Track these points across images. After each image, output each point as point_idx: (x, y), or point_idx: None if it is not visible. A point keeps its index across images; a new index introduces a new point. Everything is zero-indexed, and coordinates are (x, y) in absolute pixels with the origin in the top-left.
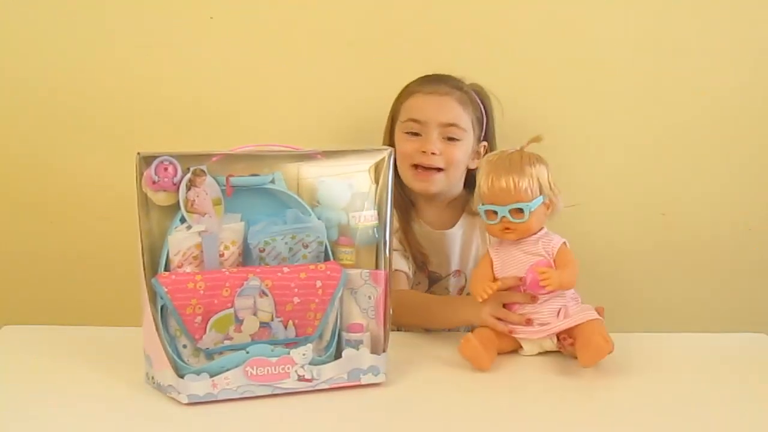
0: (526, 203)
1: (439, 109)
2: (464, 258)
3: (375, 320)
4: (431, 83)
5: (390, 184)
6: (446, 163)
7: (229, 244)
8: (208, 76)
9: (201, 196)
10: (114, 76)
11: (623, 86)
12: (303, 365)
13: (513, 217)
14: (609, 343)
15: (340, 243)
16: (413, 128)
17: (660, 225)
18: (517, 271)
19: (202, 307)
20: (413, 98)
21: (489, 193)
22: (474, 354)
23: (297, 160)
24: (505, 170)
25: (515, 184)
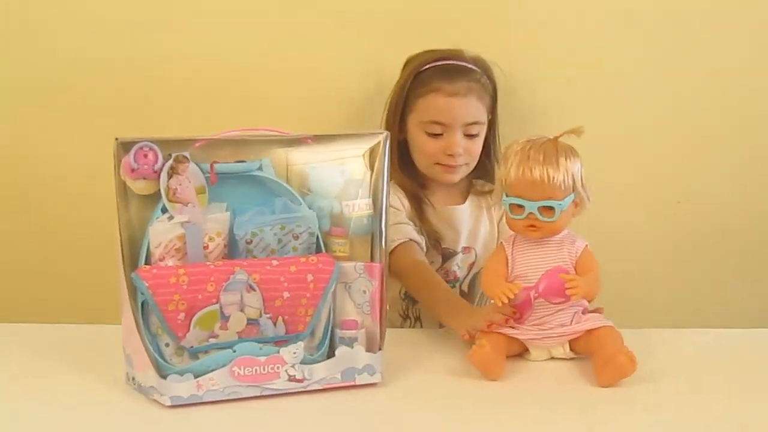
0: (558, 201)
1: (462, 112)
2: (473, 235)
3: (370, 316)
4: (451, 80)
5: (386, 171)
6: (469, 158)
7: (214, 236)
8: (191, 55)
9: (183, 185)
10: (90, 56)
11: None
12: (294, 364)
13: (542, 215)
14: (633, 362)
15: (333, 234)
16: (436, 130)
17: (675, 214)
18: (533, 274)
19: (186, 303)
20: (435, 98)
21: (518, 185)
22: (486, 362)
23: (286, 146)
24: (539, 161)
25: (549, 178)
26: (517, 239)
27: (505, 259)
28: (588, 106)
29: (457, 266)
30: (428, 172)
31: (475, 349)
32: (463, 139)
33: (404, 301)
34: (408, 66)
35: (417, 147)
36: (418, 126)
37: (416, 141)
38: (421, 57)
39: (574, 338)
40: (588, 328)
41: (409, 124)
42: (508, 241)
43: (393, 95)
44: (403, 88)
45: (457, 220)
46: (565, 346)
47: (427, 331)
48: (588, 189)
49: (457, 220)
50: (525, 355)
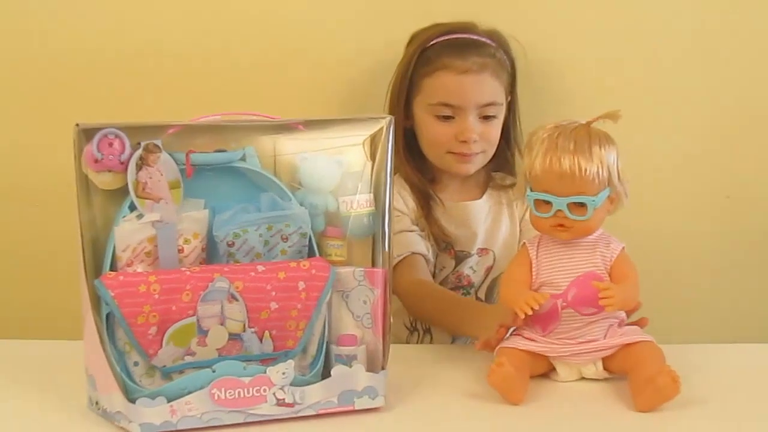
0: (591, 197)
1: (476, 91)
2: (491, 235)
3: (372, 330)
4: (461, 55)
5: (389, 161)
6: (486, 144)
7: (190, 237)
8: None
9: (155, 178)
10: (46, 31)
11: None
12: (283, 386)
13: (572, 213)
14: (676, 383)
15: (328, 234)
16: (446, 112)
17: (724, 210)
18: (561, 281)
19: (158, 316)
20: (443, 76)
21: (544, 178)
22: (507, 383)
23: (273, 132)
24: (568, 150)
25: (581, 170)
26: (543, 240)
27: (529, 263)
28: (623, 88)
29: (471, 270)
30: (439, 162)
31: (494, 368)
32: (478, 122)
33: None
34: (413, 42)
35: (425, 134)
36: (425, 109)
37: (424, 127)
38: (428, 31)
39: (608, 355)
40: (624, 342)
41: (416, 108)
42: (532, 242)
43: (397, 75)
44: (408, 67)
45: (472, 218)
46: (597, 365)
47: (437, 346)
48: (626, 183)
49: (472, 218)
50: (551, 374)
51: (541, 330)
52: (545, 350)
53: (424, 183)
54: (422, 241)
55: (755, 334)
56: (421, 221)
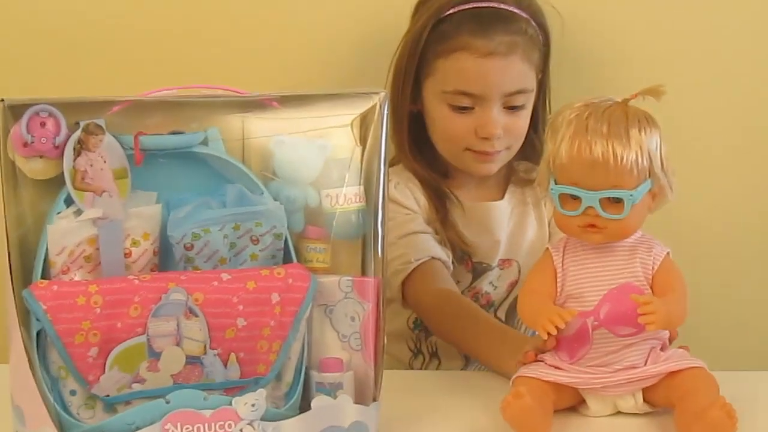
0: (628, 191)
1: (502, 78)
2: (515, 243)
3: (361, 353)
4: (485, 32)
5: (384, 146)
6: (511, 139)
7: (140, 238)
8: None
9: (96, 166)
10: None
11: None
12: (252, 421)
13: (605, 210)
14: (733, 419)
15: (309, 236)
16: (464, 103)
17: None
18: (592, 294)
19: (99, 334)
20: (462, 59)
21: (571, 167)
22: (525, 418)
23: (242, 110)
24: (601, 134)
25: (616, 158)
26: (570, 244)
27: (553, 272)
28: (674, 64)
29: (492, 285)
30: (454, 160)
31: (510, 400)
32: (503, 114)
33: (415, 331)
34: (423, 10)
35: (438, 126)
36: (439, 97)
37: (437, 117)
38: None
39: (650, 385)
40: (670, 370)
41: (426, 93)
42: (557, 247)
43: (403, 51)
44: (418, 43)
45: (492, 223)
46: (636, 396)
47: (441, 373)
48: (671, 173)
49: (492, 223)
50: (581, 408)
51: (568, 356)
52: (573, 381)
53: (436, 179)
54: (439, 245)
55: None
56: (435, 224)
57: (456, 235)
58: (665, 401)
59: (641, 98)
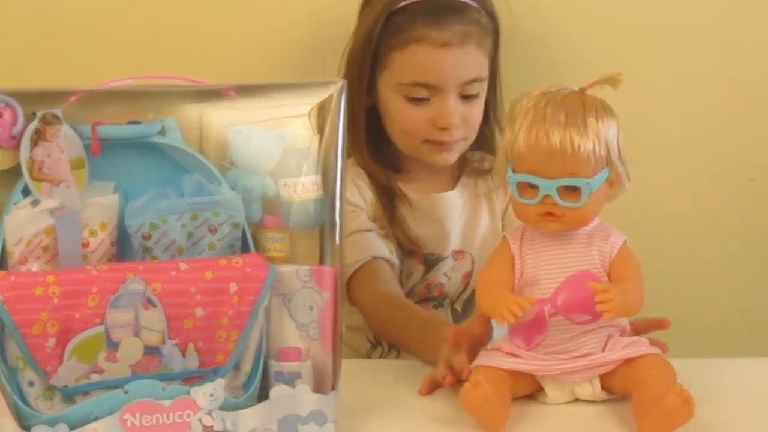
0: (586, 179)
1: (458, 67)
2: (468, 235)
3: (319, 342)
4: (440, 23)
5: (341, 135)
6: (468, 129)
7: (97, 228)
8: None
9: (53, 156)
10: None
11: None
12: (210, 411)
13: (562, 199)
14: (689, 405)
15: (266, 225)
16: (421, 94)
17: (748, 195)
18: (549, 282)
19: (57, 325)
20: (418, 51)
21: (529, 156)
22: (485, 407)
23: (199, 100)
24: (559, 122)
25: (574, 146)
26: (528, 233)
27: (510, 260)
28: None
29: (446, 276)
30: (412, 152)
31: (469, 389)
32: (459, 103)
33: None
34: (374, 3)
35: (395, 118)
36: (395, 89)
37: (393, 110)
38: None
39: (607, 372)
40: (627, 356)
41: (382, 86)
42: (514, 235)
43: (355, 44)
44: (371, 36)
45: (444, 214)
46: (594, 384)
47: (400, 362)
48: (627, 162)
49: (444, 214)
50: (538, 395)
51: (525, 343)
52: (531, 368)
53: (387, 174)
54: (383, 242)
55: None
56: (382, 221)
57: (403, 232)
58: (622, 389)
59: (598, 87)
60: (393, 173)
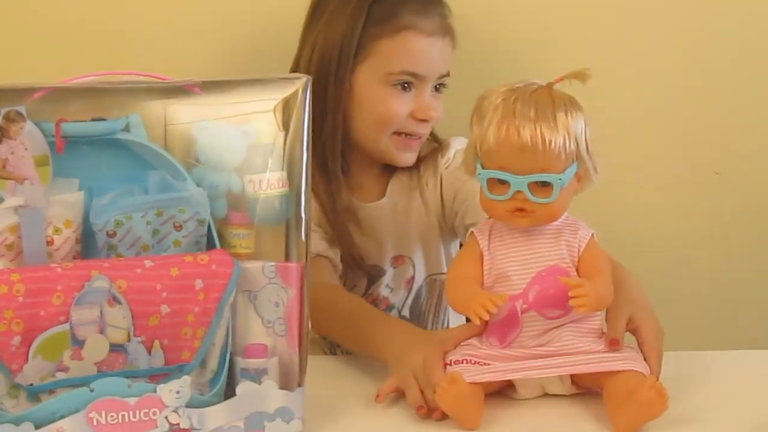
0: (556, 175)
1: (441, 58)
2: (403, 238)
3: (286, 338)
4: (426, 11)
5: (306, 131)
6: (433, 123)
7: (62, 226)
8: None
9: (17, 153)
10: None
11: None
12: (177, 408)
13: (534, 195)
14: (664, 397)
15: (232, 222)
16: (407, 81)
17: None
18: (518, 277)
19: (22, 323)
20: (409, 38)
21: (499, 152)
22: (461, 405)
23: (164, 96)
24: (529, 118)
25: (544, 141)
26: (496, 228)
27: (479, 256)
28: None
29: (388, 288)
30: (376, 146)
31: (444, 386)
32: (432, 96)
33: (326, 339)
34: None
35: (371, 108)
36: (381, 79)
37: (371, 100)
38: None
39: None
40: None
41: (361, 77)
42: (481, 230)
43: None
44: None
45: (376, 225)
46: (564, 379)
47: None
48: (594, 156)
49: (376, 225)
50: (508, 391)
51: (499, 341)
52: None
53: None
54: (327, 245)
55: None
56: (325, 225)
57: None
58: (593, 383)
59: (566, 82)
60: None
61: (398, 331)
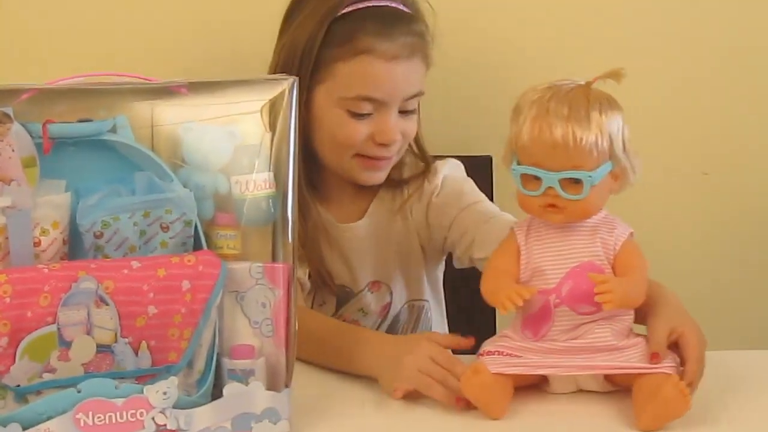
0: (587, 172)
1: (405, 82)
2: (383, 261)
3: (272, 339)
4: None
5: (293, 132)
6: (404, 143)
7: (49, 227)
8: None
9: (4, 154)
10: None
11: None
12: (164, 409)
13: (564, 191)
14: (686, 396)
15: (219, 223)
16: (366, 109)
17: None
18: (553, 272)
19: (9, 324)
20: (367, 63)
21: (532, 148)
22: (485, 394)
23: (151, 97)
24: (562, 116)
25: (576, 140)
26: (534, 224)
27: (516, 250)
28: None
29: (361, 312)
30: (340, 168)
31: (469, 376)
32: (399, 118)
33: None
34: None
35: (329, 132)
36: (336, 102)
37: (328, 123)
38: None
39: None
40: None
41: (318, 98)
42: (520, 226)
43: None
44: (311, 45)
45: (351, 247)
46: (597, 376)
47: None
48: (633, 155)
49: (351, 247)
50: (543, 385)
51: (533, 334)
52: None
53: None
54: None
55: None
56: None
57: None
58: (625, 381)
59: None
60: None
61: (378, 342)
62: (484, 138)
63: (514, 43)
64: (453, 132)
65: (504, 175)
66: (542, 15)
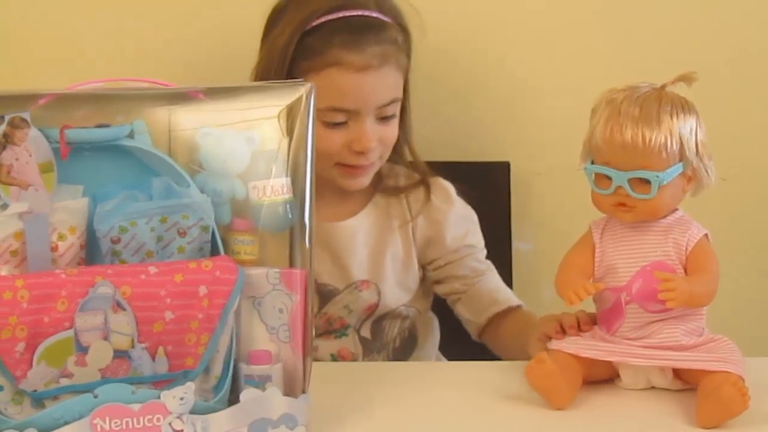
0: (655, 172)
1: (377, 90)
2: (374, 262)
3: (290, 345)
4: (358, 45)
5: (310, 137)
6: (384, 149)
7: (66, 232)
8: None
9: (22, 159)
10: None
11: None
12: (180, 415)
13: (633, 190)
14: (745, 396)
15: (236, 228)
16: (338, 119)
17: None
18: (625, 270)
19: (26, 329)
20: (335, 75)
21: (604, 148)
22: (548, 383)
23: (168, 103)
24: (633, 117)
25: (645, 141)
26: (610, 223)
27: (592, 247)
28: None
29: (346, 309)
30: (323, 173)
31: (533, 365)
32: (376, 125)
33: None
34: (282, 21)
35: None
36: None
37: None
38: (303, 6)
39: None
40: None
41: None
42: (598, 224)
43: (264, 65)
44: (283, 57)
45: (343, 245)
46: (666, 372)
47: (371, 364)
48: (707, 158)
49: (343, 245)
50: (615, 381)
51: (606, 330)
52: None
53: None
54: None
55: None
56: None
57: None
58: (692, 380)
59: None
60: None
61: None
62: (502, 143)
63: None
64: (471, 137)
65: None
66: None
